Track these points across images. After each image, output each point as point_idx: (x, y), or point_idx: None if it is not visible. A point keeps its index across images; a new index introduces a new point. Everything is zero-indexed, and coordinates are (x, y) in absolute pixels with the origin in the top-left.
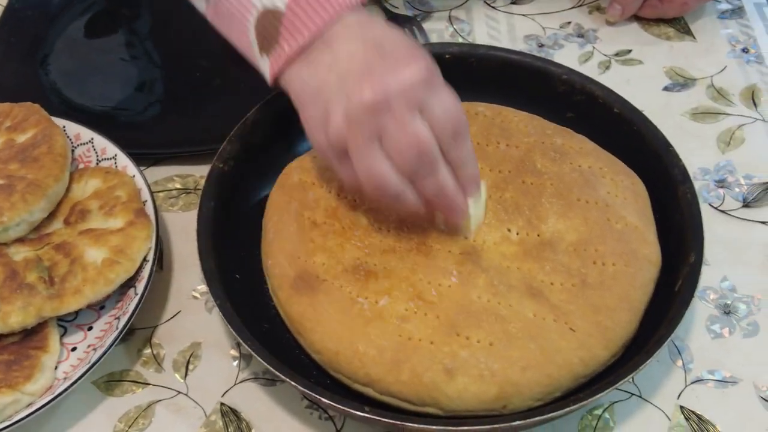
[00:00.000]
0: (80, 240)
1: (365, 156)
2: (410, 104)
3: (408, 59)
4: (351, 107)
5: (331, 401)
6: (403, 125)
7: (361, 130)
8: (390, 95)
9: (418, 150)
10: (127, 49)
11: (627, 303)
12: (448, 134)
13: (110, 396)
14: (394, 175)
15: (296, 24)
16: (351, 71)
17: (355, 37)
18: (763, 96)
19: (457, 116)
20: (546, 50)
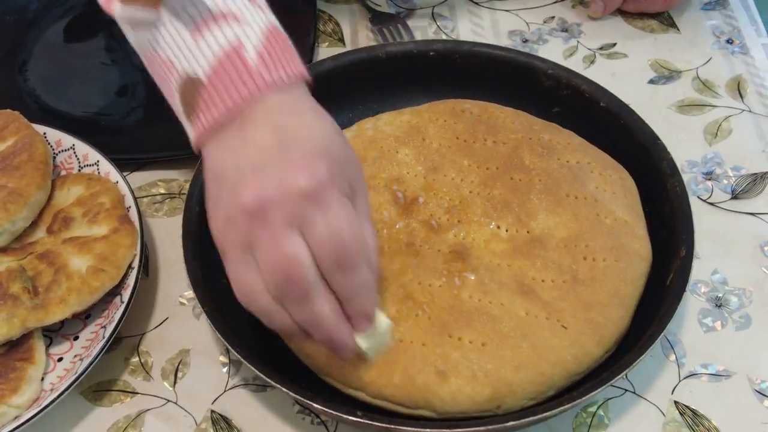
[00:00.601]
0: (64, 248)
1: (235, 263)
2: (289, 218)
3: (304, 163)
4: (230, 207)
5: (322, 406)
6: (274, 242)
7: (234, 235)
8: (268, 203)
9: (286, 274)
10: (107, 53)
11: (618, 299)
12: (329, 261)
13: (98, 406)
14: (261, 292)
15: (213, 98)
16: (246, 165)
17: (268, 126)
18: (749, 87)
19: (345, 241)
20: (530, 45)
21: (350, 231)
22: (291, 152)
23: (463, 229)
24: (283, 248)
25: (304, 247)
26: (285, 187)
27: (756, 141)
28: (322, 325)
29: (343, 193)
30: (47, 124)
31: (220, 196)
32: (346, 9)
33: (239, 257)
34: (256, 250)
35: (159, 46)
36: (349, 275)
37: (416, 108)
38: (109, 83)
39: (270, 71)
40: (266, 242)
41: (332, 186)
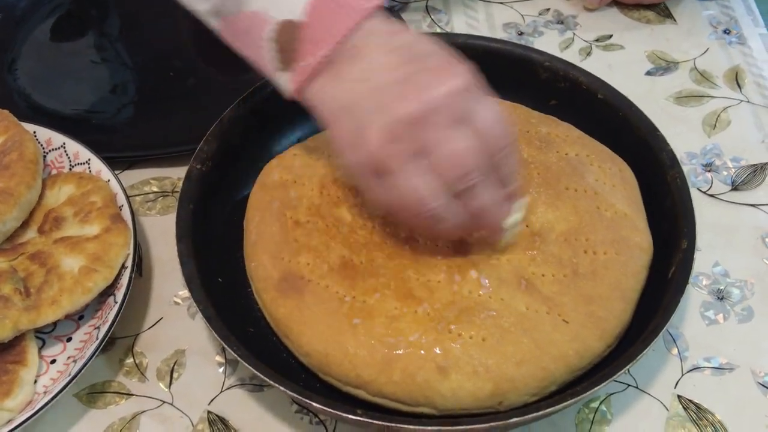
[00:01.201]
0: (55, 249)
1: (407, 175)
2: (454, 117)
3: (447, 68)
4: (390, 122)
5: (321, 405)
6: (448, 140)
7: (402, 146)
8: (432, 107)
9: (464, 167)
10: (96, 51)
11: (620, 292)
12: (495, 147)
13: (93, 408)
14: (436, 195)
15: (317, 35)
16: (386, 84)
17: (385, 46)
18: (747, 77)
19: (504, 127)
20: (526, 38)
21: (502, 114)
22: (427, 63)
23: None
24: (458, 143)
25: (473, 137)
26: (443, 90)
27: (755, 131)
28: (490, 213)
29: None
30: (37, 122)
31: (361, 124)
32: None
33: (410, 168)
34: (428, 154)
35: (243, 2)
36: (509, 157)
37: None
38: (99, 81)
39: (360, 1)
40: (440, 142)
41: (476, 81)
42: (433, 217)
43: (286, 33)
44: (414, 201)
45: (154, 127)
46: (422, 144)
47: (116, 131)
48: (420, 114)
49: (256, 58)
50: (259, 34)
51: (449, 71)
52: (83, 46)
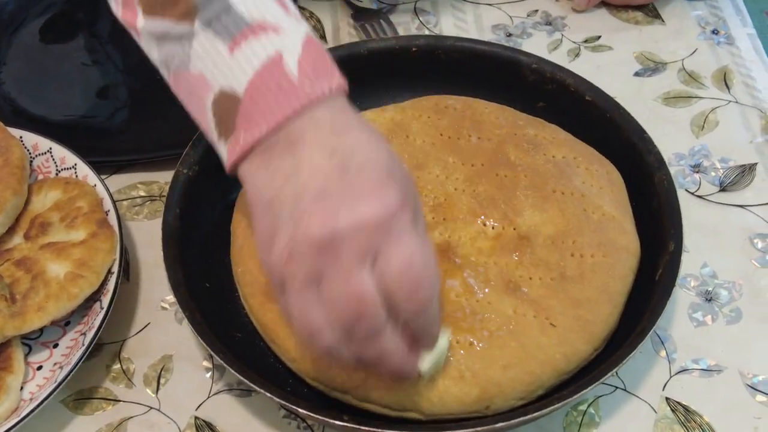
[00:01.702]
0: (41, 254)
1: (298, 299)
2: (361, 251)
3: (372, 190)
4: (295, 238)
5: (308, 411)
6: (346, 277)
7: (300, 268)
8: (338, 235)
9: (356, 312)
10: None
11: (607, 295)
12: (402, 295)
13: (80, 415)
14: (327, 328)
15: (254, 115)
16: (308, 193)
17: (324, 147)
18: (735, 77)
19: (418, 275)
20: (514, 39)
21: (423, 262)
22: (355, 178)
23: (448, 227)
24: (354, 286)
25: (375, 283)
26: (356, 218)
27: (743, 132)
28: (390, 360)
29: (411, 218)
30: (22, 127)
31: (276, 226)
32: (328, 6)
33: (302, 292)
34: (322, 285)
35: (190, 62)
36: (420, 308)
37: (399, 104)
38: (88, 85)
39: (313, 84)
40: (336, 278)
41: (403, 213)
42: (326, 348)
43: (226, 104)
44: (306, 331)
45: (142, 131)
46: (319, 271)
47: (103, 135)
48: (324, 239)
49: (199, 121)
50: (201, 98)
51: (371, 196)
52: (71, 50)
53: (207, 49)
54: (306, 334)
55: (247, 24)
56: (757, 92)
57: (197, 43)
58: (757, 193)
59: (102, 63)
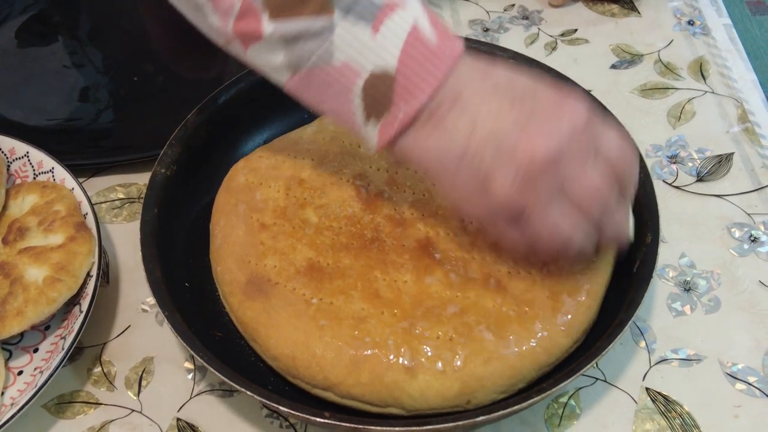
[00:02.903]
0: (20, 259)
1: (547, 215)
2: (585, 150)
3: (561, 104)
4: (521, 168)
5: (289, 409)
6: (584, 176)
7: (540, 189)
8: (561, 149)
9: (604, 198)
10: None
11: (586, 288)
12: (626, 172)
13: (61, 419)
14: (580, 227)
15: (409, 87)
16: (502, 130)
17: (484, 90)
18: (711, 68)
19: (629, 149)
20: (491, 34)
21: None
22: (535, 101)
23: (428, 223)
24: (593, 177)
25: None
26: (566, 129)
27: (720, 122)
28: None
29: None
30: None
31: (485, 172)
32: None
33: (550, 206)
34: (566, 191)
35: (333, 55)
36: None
37: None
38: (65, 88)
39: (448, 44)
40: (576, 179)
41: (593, 111)
42: (574, 249)
43: (378, 85)
44: (559, 238)
45: (120, 133)
46: (560, 183)
47: (81, 138)
48: (552, 157)
49: (338, 110)
50: (347, 86)
51: (565, 107)
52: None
53: (350, 37)
54: (561, 239)
55: (378, 5)
56: (733, 82)
57: (338, 33)
58: (734, 183)
59: (78, 66)
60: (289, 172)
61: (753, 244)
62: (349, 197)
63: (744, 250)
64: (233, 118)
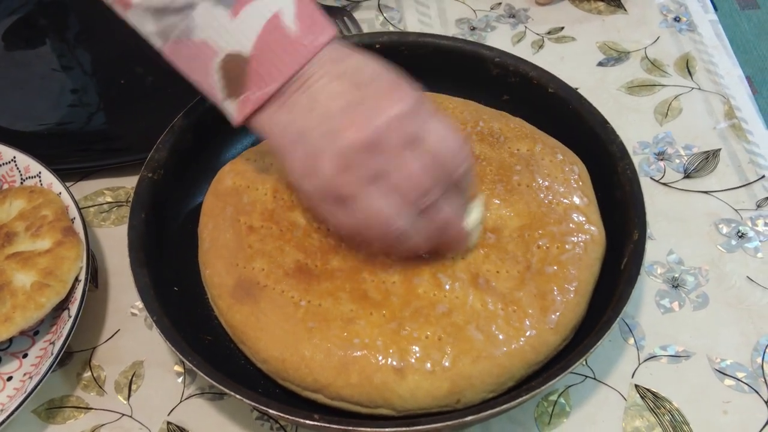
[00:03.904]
0: (7, 265)
1: (368, 198)
2: (405, 138)
3: (392, 91)
4: (342, 150)
5: (279, 411)
6: (404, 163)
7: (358, 172)
8: (381, 132)
9: (423, 187)
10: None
11: (574, 285)
12: (451, 164)
13: (51, 424)
14: (401, 215)
15: (263, 74)
16: (334, 111)
17: (331, 74)
18: (698, 64)
19: (457, 141)
20: (478, 33)
21: (453, 129)
22: (370, 87)
23: None
24: (413, 164)
25: (427, 156)
26: (388, 113)
27: (707, 118)
28: (451, 224)
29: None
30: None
31: (314, 151)
32: None
33: (370, 191)
34: (385, 177)
35: (192, 31)
36: (466, 162)
37: None
38: (53, 92)
39: (312, 38)
40: (396, 165)
41: (424, 101)
42: (400, 236)
43: (234, 65)
44: (379, 223)
45: (108, 136)
46: (378, 168)
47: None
48: (370, 140)
49: (202, 84)
50: (206, 62)
51: (395, 94)
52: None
53: (209, 17)
54: (381, 225)
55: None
56: (719, 78)
57: (199, 12)
58: (721, 179)
59: (66, 69)
60: (277, 175)
61: (740, 240)
62: None
63: (732, 246)
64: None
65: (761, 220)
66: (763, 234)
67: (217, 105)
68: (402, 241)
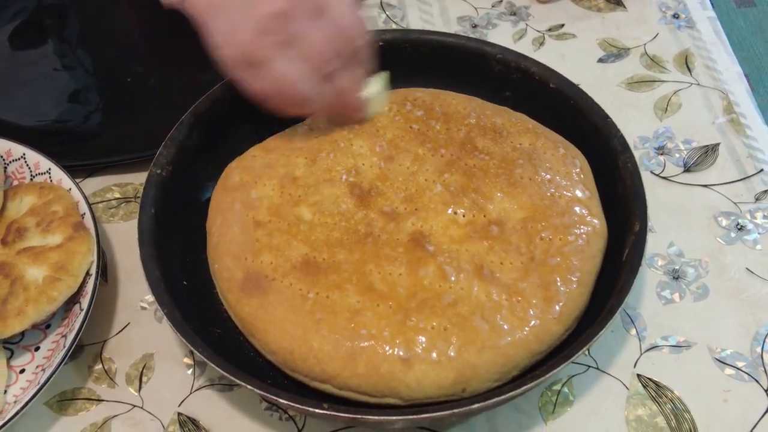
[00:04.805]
0: (19, 259)
1: (277, 63)
2: (314, 10)
3: None
4: (258, 18)
5: (288, 401)
6: (310, 31)
7: (271, 38)
8: (292, 3)
9: (326, 54)
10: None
11: (576, 276)
12: (351, 37)
13: (64, 416)
14: (305, 79)
15: None
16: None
17: None
18: (696, 60)
19: (357, 19)
20: (480, 30)
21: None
22: None
23: (421, 217)
24: (319, 33)
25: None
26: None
27: (705, 113)
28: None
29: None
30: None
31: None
32: None
33: (280, 57)
34: (293, 45)
35: None
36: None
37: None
38: (59, 90)
39: None
40: (303, 33)
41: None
42: (303, 100)
43: None
44: (286, 86)
45: (114, 133)
46: (288, 36)
47: (76, 139)
48: (283, 9)
49: None
50: None
51: None
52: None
53: None
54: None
55: None
56: (718, 74)
57: None
58: (720, 173)
59: (72, 67)
60: (283, 170)
61: (740, 233)
62: (342, 193)
63: (731, 239)
64: (227, 117)
65: (760, 213)
66: (761, 226)
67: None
68: (305, 103)
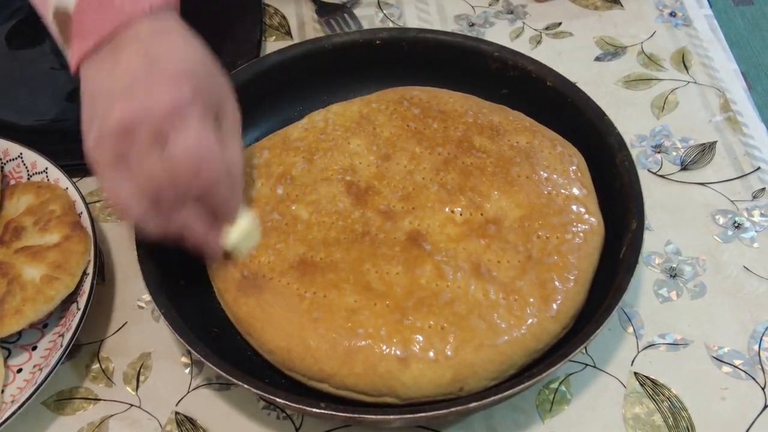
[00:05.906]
0: (16, 259)
1: (106, 178)
2: (152, 135)
3: (167, 83)
4: (100, 128)
5: (286, 400)
6: (142, 158)
7: (105, 152)
8: (134, 122)
9: (156, 188)
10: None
11: (574, 274)
12: (185, 176)
13: (61, 415)
14: (136, 203)
15: (83, 31)
16: (116, 87)
17: (138, 50)
18: (693, 58)
19: (200, 157)
20: (477, 29)
21: (207, 147)
22: (157, 73)
23: (418, 216)
24: (150, 164)
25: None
26: (149, 106)
27: (702, 111)
28: (193, 232)
29: (209, 112)
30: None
31: (93, 117)
32: (292, 1)
33: (112, 172)
34: (131, 163)
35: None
36: (206, 185)
37: (365, 97)
38: (56, 89)
39: (133, 3)
40: (135, 158)
41: (195, 104)
42: (138, 222)
43: (62, 19)
44: (116, 204)
45: None
46: (120, 154)
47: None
48: (121, 126)
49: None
50: (44, 13)
51: (173, 87)
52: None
53: None
54: (120, 205)
55: None
56: (714, 72)
57: None
58: (717, 171)
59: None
60: (280, 170)
61: (737, 231)
62: (338, 193)
63: (728, 237)
64: None
65: (757, 211)
66: (758, 224)
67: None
68: (143, 225)
